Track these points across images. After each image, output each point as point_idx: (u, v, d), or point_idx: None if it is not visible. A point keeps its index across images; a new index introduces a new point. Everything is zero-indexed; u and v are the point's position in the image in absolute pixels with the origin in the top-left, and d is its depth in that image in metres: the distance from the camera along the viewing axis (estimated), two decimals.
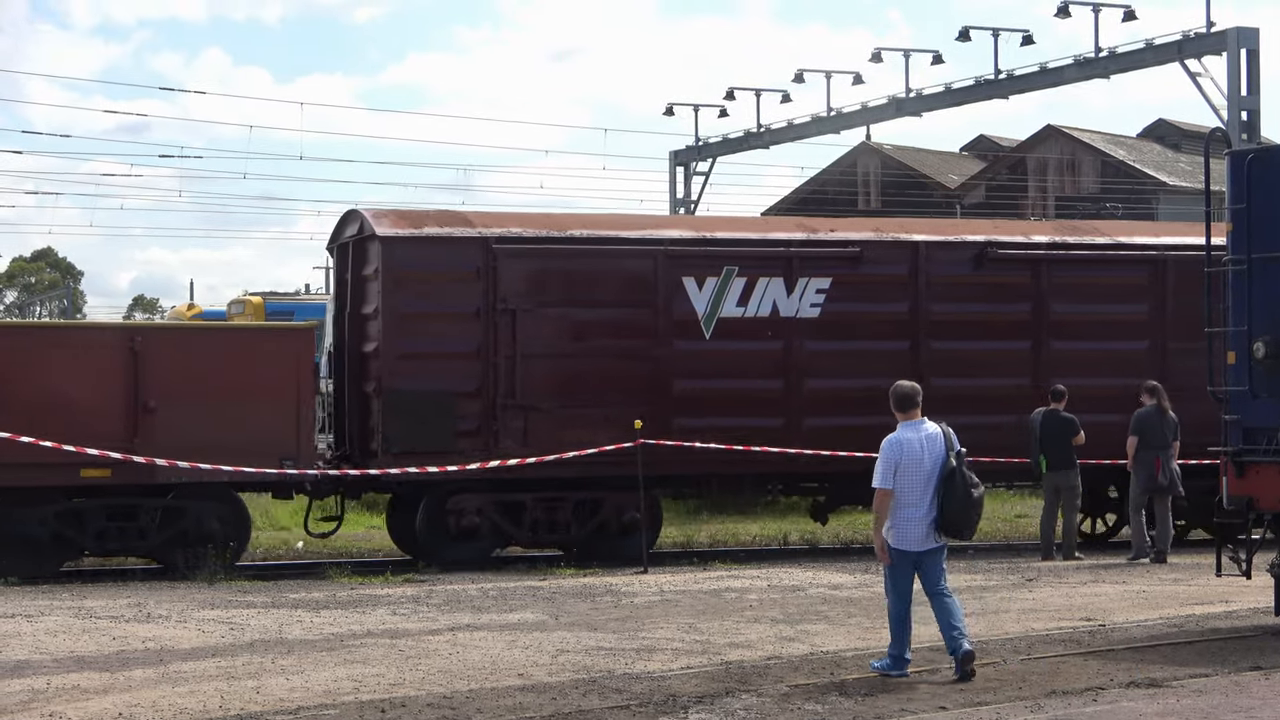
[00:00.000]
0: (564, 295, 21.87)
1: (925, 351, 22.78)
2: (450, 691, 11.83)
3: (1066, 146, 65.71)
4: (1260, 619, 15.35)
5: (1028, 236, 24.03)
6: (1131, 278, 23.87)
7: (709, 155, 53.36)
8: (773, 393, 22.35)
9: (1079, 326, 23.52)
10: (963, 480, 12.45)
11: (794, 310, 22.38)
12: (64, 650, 13.93)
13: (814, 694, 11.73)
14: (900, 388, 13.06)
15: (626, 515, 21.64)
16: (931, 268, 23.05)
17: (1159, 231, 25.11)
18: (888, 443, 12.65)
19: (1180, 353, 22.90)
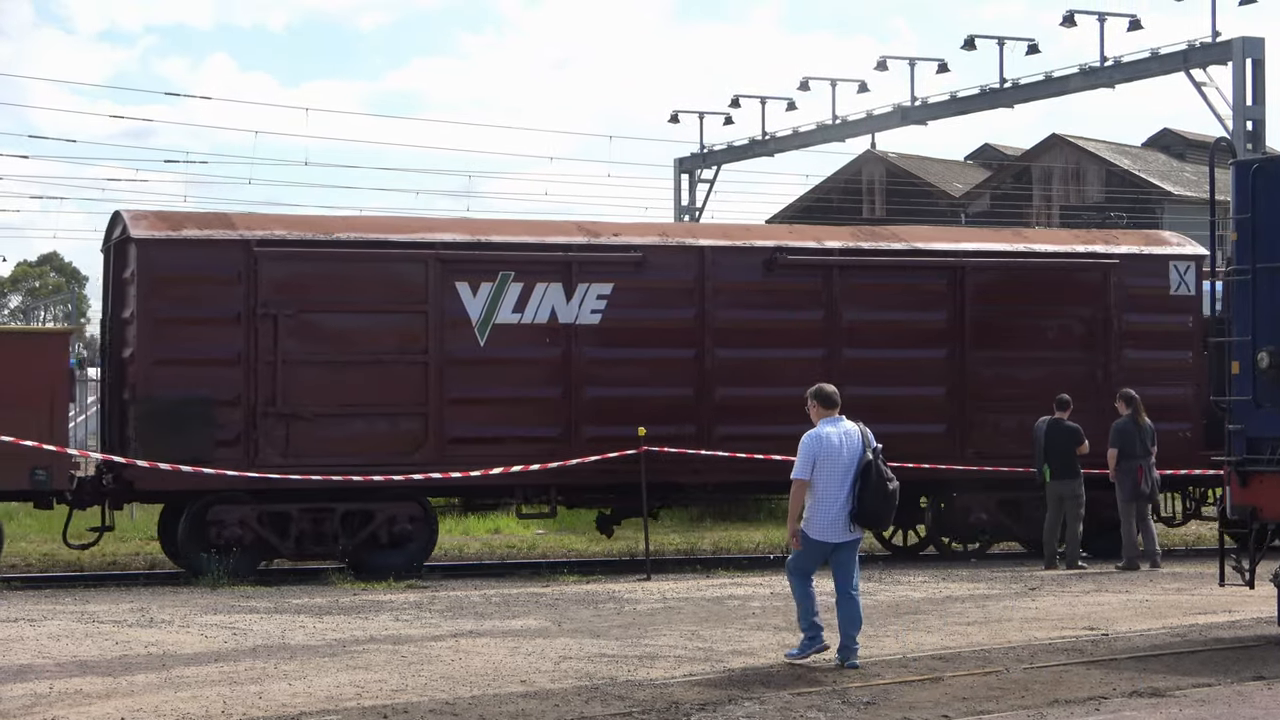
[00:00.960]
0: (330, 300, 21.16)
1: (712, 359, 22.20)
2: (453, 698, 11.82)
3: (1071, 155, 65.72)
4: (1264, 629, 15.34)
5: (820, 242, 23.29)
6: (929, 284, 23.36)
7: (714, 163, 53.37)
8: (551, 401, 21.74)
9: (874, 334, 22.92)
10: (879, 474, 13.29)
11: (574, 317, 21.77)
12: (66, 654, 13.93)
13: (816, 702, 11.72)
14: (823, 389, 13.85)
15: (398, 526, 21.13)
16: (719, 273, 22.39)
17: (959, 237, 24.80)
18: (808, 437, 13.47)
19: (980, 361, 22.93)
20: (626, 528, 26.51)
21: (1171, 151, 67.60)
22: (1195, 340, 23.83)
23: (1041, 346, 23.56)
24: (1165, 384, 23.57)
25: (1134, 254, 24.00)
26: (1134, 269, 23.88)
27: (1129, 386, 22.53)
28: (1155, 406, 22.72)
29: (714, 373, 22.18)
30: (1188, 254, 24.15)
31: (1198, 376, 23.61)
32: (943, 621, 16.12)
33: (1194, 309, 23.95)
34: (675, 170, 54.12)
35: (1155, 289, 23.87)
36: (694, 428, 22.05)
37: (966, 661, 13.53)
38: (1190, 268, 23.92)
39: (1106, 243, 24.21)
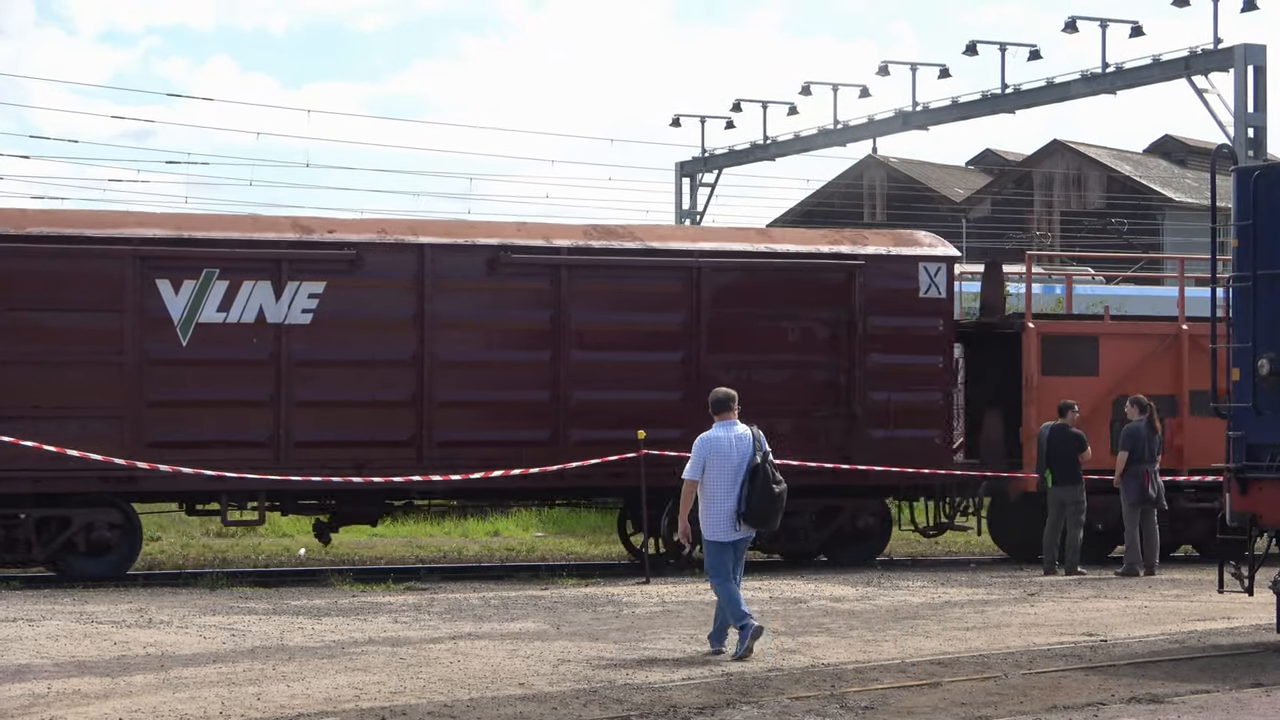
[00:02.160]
0: (25, 298, 20.31)
1: (432, 361, 21.27)
2: (451, 700, 11.82)
3: (1073, 161, 65.73)
4: (1262, 635, 15.34)
5: (548, 241, 22.21)
6: (663, 285, 22.32)
7: (715, 167, 53.39)
8: (259, 402, 20.86)
9: (605, 336, 21.98)
10: (765, 477, 13.90)
11: (283, 316, 20.86)
12: (65, 655, 13.93)
13: (814, 706, 11.72)
14: (717, 393, 14.53)
15: (96, 534, 20.39)
16: (440, 272, 21.42)
17: (697, 237, 23.91)
18: (700, 439, 14.20)
19: (717, 364, 21.92)
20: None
21: (1173, 158, 67.63)
22: (946, 344, 23.13)
23: (783, 350, 22.49)
24: (914, 389, 22.73)
25: (881, 255, 22.99)
26: (882, 270, 22.86)
27: (875, 390, 22.41)
28: (904, 412, 22.41)
29: (434, 375, 21.23)
30: (939, 255, 23.24)
31: (948, 381, 23.13)
32: (941, 626, 16.12)
33: (945, 312, 23.07)
34: (676, 174, 54.14)
35: (904, 291, 22.91)
36: (411, 432, 21.15)
37: (965, 667, 13.53)
38: (941, 269, 23.01)
39: (854, 243, 23.33)
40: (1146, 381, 23.56)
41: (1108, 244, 55.47)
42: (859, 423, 22.56)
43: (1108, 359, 23.80)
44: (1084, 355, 23.77)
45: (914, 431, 22.70)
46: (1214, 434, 23.01)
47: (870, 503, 23.05)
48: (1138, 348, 24.00)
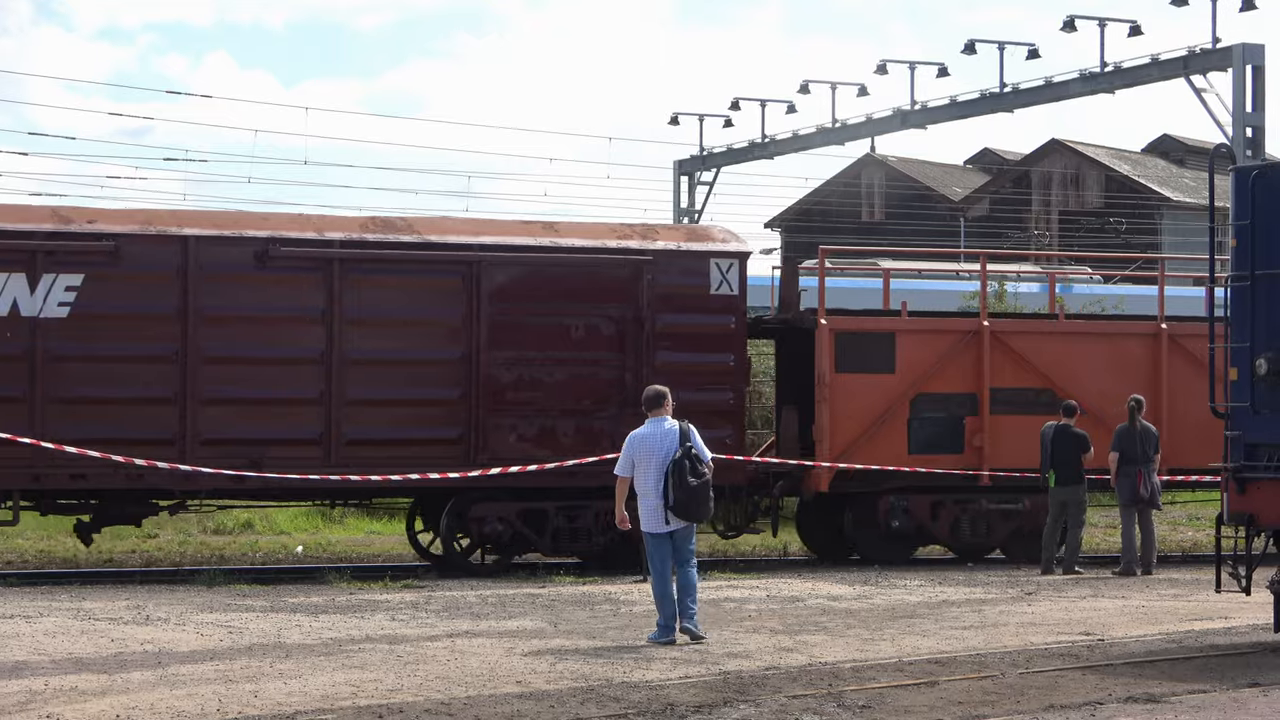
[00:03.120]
0: None
1: (195, 355, 20.54)
2: (448, 698, 11.82)
3: (1071, 161, 65.75)
4: (1260, 635, 15.34)
5: (320, 233, 21.51)
6: (442, 280, 21.66)
7: (713, 165, 53.40)
8: (13, 399, 20.01)
9: (380, 332, 21.35)
10: (682, 471, 14.50)
11: (38, 309, 20.18)
12: (62, 651, 13.93)
13: (811, 705, 11.72)
14: (649, 390, 15.40)
15: None
16: (205, 265, 20.69)
17: (478, 230, 22.56)
18: (629, 437, 15.01)
19: (498, 362, 21.49)
20: None
21: (1171, 157, 67.66)
22: (738, 342, 22.52)
23: (568, 347, 21.85)
24: (705, 388, 21.98)
25: (671, 250, 22.33)
26: (671, 266, 22.23)
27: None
28: (694, 412, 21.34)
29: (198, 370, 20.58)
30: (731, 251, 22.56)
31: (740, 380, 22.60)
32: (938, 625, 16.12)
33: (737, 309, 22.40)
34: (674, 172, 54.16)
35: (694, 288, 22.25)
36: (175, 429, 20.46)
37: (962, 666, 13.54)
38: (733, 266, 22.33)
39: (644, 238, 22.60)
40: (946, 379, 23.25)
41: (1106, 243, 55.51)
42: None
43: (905, 356, 23.17)
44: (880, 352, 23.13)
45: (703, 432, 21.88)
46: (1016, 432, 23.03)
47: None
48: (937, 345, 23.39)
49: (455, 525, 21.74)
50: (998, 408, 23.27)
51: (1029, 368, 23.63)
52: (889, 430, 22.97)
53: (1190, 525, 29.61)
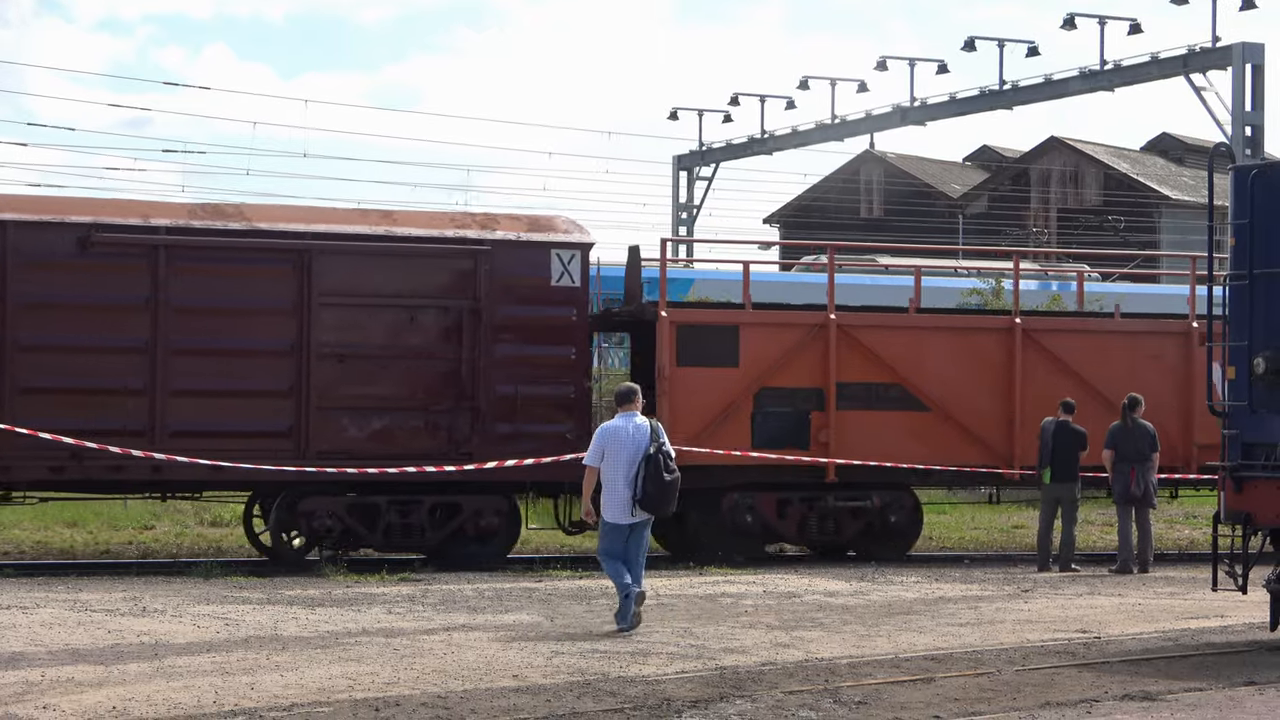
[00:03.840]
0: None
1: (14, 344, 20.06)
2: (445, 691, 11.83)
3: (1070, 158, 65.76)
4: (1256, 634, 15.35)
5: (145, 220, 20.81)
6: (272, 269, 21.08)
7: (713, 160, 53.43)
8: None
9: (207, 322, 20.80)
10: (657, 466, 14.93)
11: None
12: (59, 643, 13.93)
13: (808, 701, 11.73)
14: (620, 386, 15.72)
15: None
16: (23, 251, 20.14)
17: (311, 218, 21.89)
18: (600, 429, 15.40)
19: (327, 354, 20.96)
20: None
21: (1170, 156, 67.69)
22: (579, 335, 21.96)
23: (402, 339, 21.40)
24: (545, 381, 21.63)
25: (510, 240, 21.73)
26: (511, 257, 21.66)
27: (502, 383, 21.41)
28: (533, 405, 21.53)
29: (16, 359, 20.05)
30: (573, 242, 21.93)
31: (582, 373, 21.95)
32: (935, 622, 16.13)
33: (579, 301, 21.86)
34: (674, 167, 54.19)
35: (535, 279, 21.69)
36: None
37: (958, 662, 13.54)
38: (575, 257, 21.78)
39: (484, 227, 21.99)
40: (792, 373, 22.62)
41: (1105, 241, 55.52)
42: (483, 417, 21.39)
43: (749, 350, 22.53)
44: (723, 346, 22.49)
45: (544, 426, 21.56)
46: (864, 427, 22.56)
47: (494, 500, 21.70)
48: (782, 338, 22.74)
49: (285, 520, 21.30)
50: (845, 402, 22.69)
51: (878, 362, 23.02)
52: (732, 425, 22.36)
53: (1187, 523, 29.62)
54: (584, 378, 22.07)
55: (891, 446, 22.71)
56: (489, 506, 21.64)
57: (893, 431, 22.88)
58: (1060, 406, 22.33)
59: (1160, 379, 23.80)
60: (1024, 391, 23.42)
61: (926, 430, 23.09)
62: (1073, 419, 22.12)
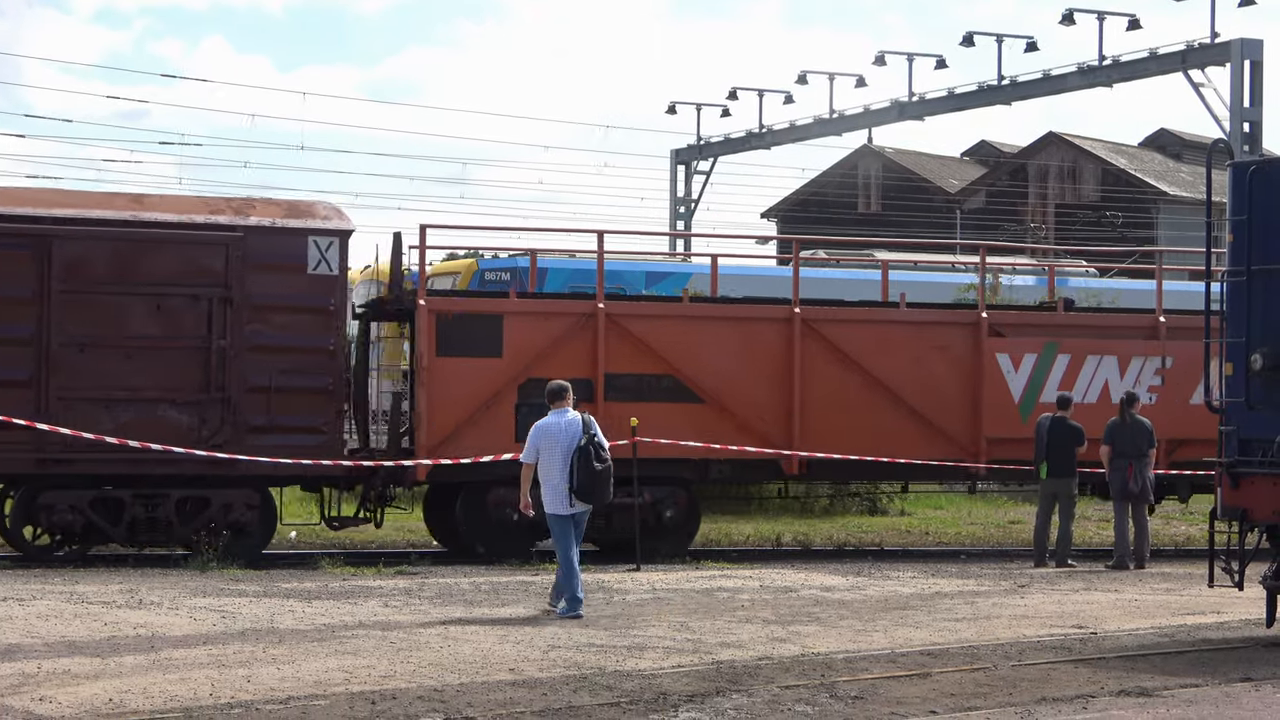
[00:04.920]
0: None
1: None
2: (441, 684, 11.83)
3: (1068, 154, 65.76)
4: (1252, 630, 15.36)
5: None
6: (9, 253, 20.25)
7: (710, 155, 53.40)
8: None
9: None
10: (588, 457, 15.65)
11: None
12: (55, 635, 13.93)
13: (804, 695, 11.73)
14: (552, 384, 16.32)
15: None
16: None
17: (53, 202, 21.03)
18: (534, 427, 16.02)
19: (72, 341, 20.23)
20: None
21: (1168, 152, 67.69)
22: (337, 324, 21.25)
23: (151, 327, 20.59)
24: (301, 372, 20.93)
25: (265, 227, 20.99)
26: (266, 244, 20.91)
27: (255, 373, 20.69)
28: (288, 396, 20.83)
29: None
30: (331, 229, 21.20)
31: (340, 364, 21.25)
32: (931, 617, 16.13)
33: (337, 289, 21.20)
34: (671, 161, 54.15)
35: (290, 267, 20.97)
36: None
37: (955, 658, 13.55)
38: (334, 244, 21.10)
39: (238, 213, 21.25)
40: (559, 364, 21.69)
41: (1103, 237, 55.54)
42: (234, 407, 20.69)
43: (514, 340, 21.83)
44: (486, 335, 21.77)
45: (299, 418, 20.96)
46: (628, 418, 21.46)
47: (246, 494, 20.97)
48: (549, 328, 22.04)
49: (24, 514, 20.59)
50: (614, 394, 21.99)
51: (649, 352, 22.30)
52: (495, 417, 21.63)
53: (1184, 520, 29.64)
54: (341, 367, 21.30)
55: (665, 440, 21.83)
56: (240, 500, 20.90)
57: (666, 423, 21.94)
58: (1056, 402, 22.37)
59: (947, 370, 23.38)
60: (803, 383, 22.69)
61: (701, 422, 22.32)
62: (1069, 415, 22.13)
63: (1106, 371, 23.93)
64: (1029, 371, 23.67)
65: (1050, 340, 23.82)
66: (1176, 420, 23.49)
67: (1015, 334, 23.90)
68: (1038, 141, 66.97)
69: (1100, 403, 23.48)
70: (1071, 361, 23.81)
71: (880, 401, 22.92)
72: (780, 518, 27.93)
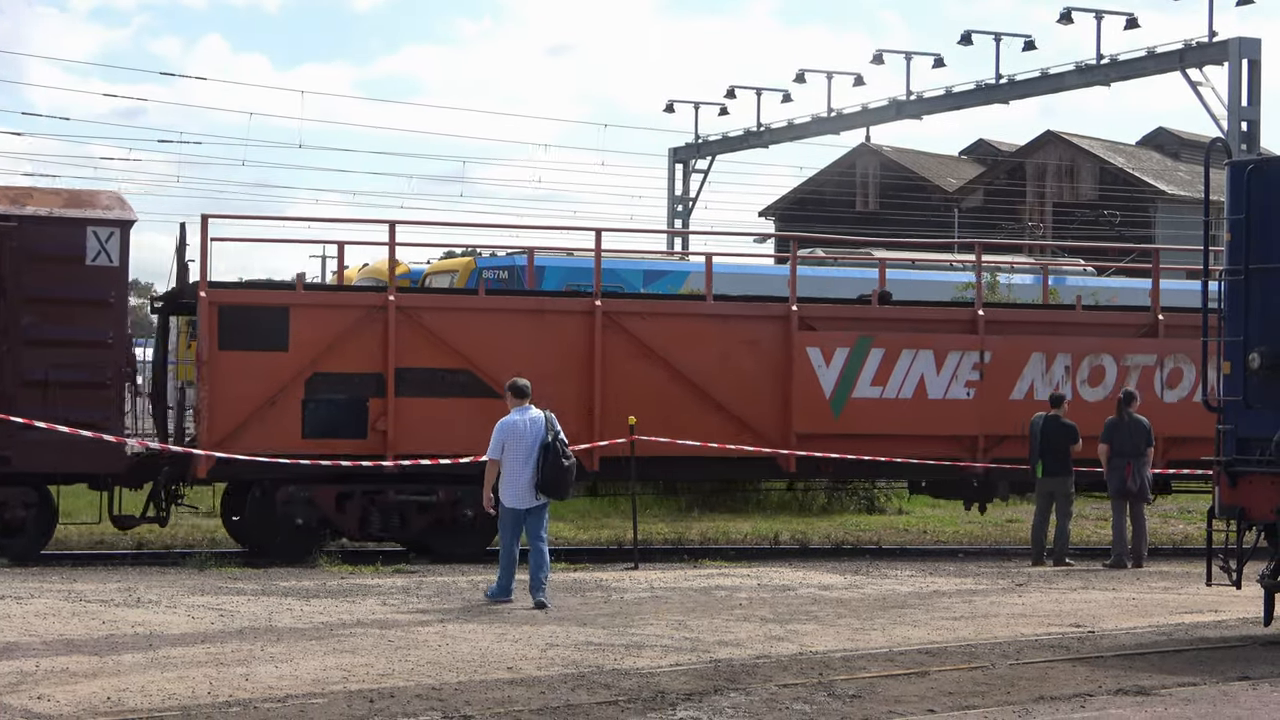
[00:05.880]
0: None
1: None
2: (439, 683, 11.83)
3: (1065, 152, 65.77)
4: (1249, 629, 15.37)
5: None
6: None
7: (708, 153, 53.43)
8: None
9: None
10: (556, 454, 16.33)
11: None
12: (53, 633, 13.93)
13: (802, 694, 11.74)
14: (515, 382, 16.86)
15: None
16: None
17: None
18: (500, 424, 16.55)
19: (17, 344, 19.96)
20: (615, 516, 26.55)
21: (1166, 150, 67.72)
22: (117, 317, 20.58)
23: None
24: (80, 366, 20.25)
25: (41, 216, 20.30)
26: (41, 234, 20.24)
27: (29, 368, 20.01)
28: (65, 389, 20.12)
29: None
30: (112, 219, 20.50)
31: (121, 357, 20.55)
32: (929, 616, 16.14)
33: (117, 281, 20.52)
34: (669, 160, 54.19)
35: (68, 258, 20.27)
36: None
37: (953, 656, 13.56)
38: (114, 235, 20.43)
39: (14, 202, 20.50)
40: (349, 358, 21.16)
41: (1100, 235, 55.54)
42: (9, 402, 19.97)
43: (301, 333, 21.07)
44: (272, 328, 21.00)
45: (78, 412, 20.09)
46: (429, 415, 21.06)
47: (20, 492, 20.28)
48: (338, 321, 21.27)
49: None
50: (406, 389, 21.29)
51: (444, 346, 21.56)
52: (281, 413, 20.92)
53: (1181, 518, 29.66)
54: (121, 361, 20.63)
55: (461, 436, 21.00)
56: (15, 498, 20.23)
57: (462, 420, 21.23)
58: (1050, 400, 22.37)
59: (756, 365, 22.68)
60: (605, 377, 21.98)
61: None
62: (1063, 413, 22.14)
63: (922, 366, 23.20)
64: (841, 366, 22.87)
65: (864, 334, 23.03)
66: (995, 415, 23.23)
67: (827, 327, 23.06)
68: (1036, 140, 66.99)
69: (916, 397, 23.04)
70: (886, 355, 23.02)
71: (687, 397, 22.24)
72: (778, 516, 27.93)
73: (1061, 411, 22.15)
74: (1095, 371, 23.96)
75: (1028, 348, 23.71)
